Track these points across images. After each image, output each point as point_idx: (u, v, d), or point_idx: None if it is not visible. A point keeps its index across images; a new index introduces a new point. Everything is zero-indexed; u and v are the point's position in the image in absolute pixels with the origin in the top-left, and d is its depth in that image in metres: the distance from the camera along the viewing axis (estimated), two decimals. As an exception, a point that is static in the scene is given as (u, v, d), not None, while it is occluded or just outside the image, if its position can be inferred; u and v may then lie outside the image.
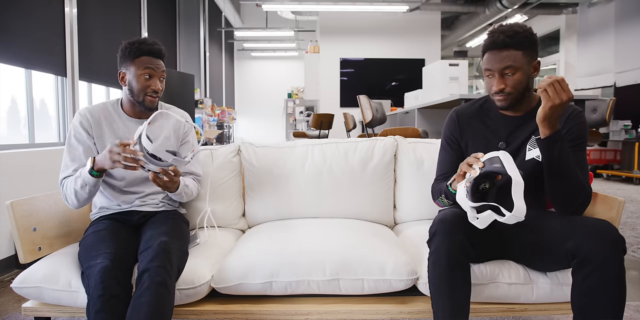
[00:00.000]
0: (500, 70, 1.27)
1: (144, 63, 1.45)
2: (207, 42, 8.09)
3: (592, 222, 1.15)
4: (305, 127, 8.44)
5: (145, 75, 1.45)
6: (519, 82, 1.28)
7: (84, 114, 1.50)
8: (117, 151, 1.26)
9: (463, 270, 1.18)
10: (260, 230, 1.66)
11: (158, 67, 1.47)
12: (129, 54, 1.45)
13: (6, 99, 3.09)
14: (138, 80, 1.45)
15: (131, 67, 1.46)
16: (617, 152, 6.85)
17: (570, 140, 1.31)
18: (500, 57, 1.26)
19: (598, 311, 1.06)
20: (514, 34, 1.25)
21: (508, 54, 1.26)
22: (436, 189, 1.46)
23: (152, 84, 1.46)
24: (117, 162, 1.26)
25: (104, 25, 4.17)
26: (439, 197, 1.42)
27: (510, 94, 1.30)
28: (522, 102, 1.34)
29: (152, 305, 1.11)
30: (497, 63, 1.27)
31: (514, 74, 1.27)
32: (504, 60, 1.26)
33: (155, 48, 1.46)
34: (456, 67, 4.06)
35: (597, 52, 7.51)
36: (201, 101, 6.67)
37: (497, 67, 1.27)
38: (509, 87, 1.28)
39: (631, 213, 3.83)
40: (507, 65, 1.26)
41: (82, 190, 1.37)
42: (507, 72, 1.27)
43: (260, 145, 1.88)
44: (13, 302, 1.96)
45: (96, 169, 1.33)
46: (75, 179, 1.38)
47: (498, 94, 1.31)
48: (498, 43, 1.26)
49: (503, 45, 1.25)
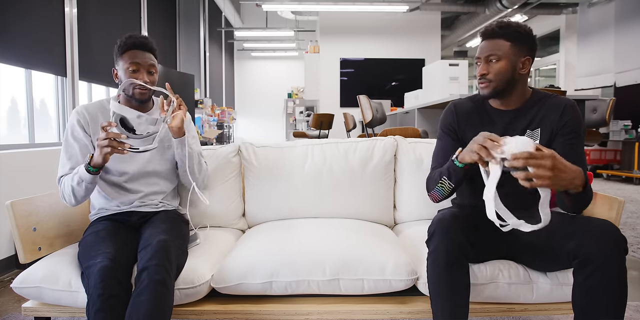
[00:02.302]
0: (485, 57, 1.33)
1: (130, 57, 1.45)
2: (207, 42, 8.09)
3: (594, 222, 1.14)
4: (305, 127, 8.44)
5: (132, 68, 1.44)
6: (502, 70, 1.31)
7: (80, 111, 1.50)
8: (102, 137, 1.27)
9: (462, 269, 1.17)
10: (260, 230, 1.66)
11: (144, 59, 1.46)
12: (119, 49, 1.46)
13: (6, 99, 3.09)
14: (125, 74, 1.45)
15: (120, 62, 1.47)
16: (617, 152, 6.85)
17: (567, 133, 1.31)
18: (487, 45, 1.33)
19: (599, 311, 1.06)
20: (506, 26, 1.31)
21: (495, 43, 1.31)
22: (433, 178, 1.39)
23: (140, 77, 1.45)
24: (104, 147, 1.27)
25: (104, 25, 4.17)
26: (437, 184, 1.34)
27: (492, 82, 1.33)
28: (509, 95, 1.36)
29: (151, 303, 1.11)
30: (484, 50, 1.33)
31: (498, 62, 1.31)
32: (490, 47, 1.32)
33: (139, 41, 1.46)
34: (456, 67, 4.06)
35: (597, 52, 7.51)
36: (201, 101, 6.67)
37: (483, 54, 1.33)
38: (491, 74, 1.32)
39: (631, 213, 3.83)
40: (492, 52, 1.31)
41: (78, 186, 1.37)
42: (491, 59, 1.32)
43: (260, 145, 1.88)
44: (13, 302, 1.95)
45: (92, 165, 1.33)
46: (73, 175, 1.38)
47: (480, 80, 1.35)
48: (488, 32, 1.32)
49: (492, 34, 1.32)
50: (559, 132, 1.32)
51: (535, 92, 1.39)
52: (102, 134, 1.27)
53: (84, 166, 1.34)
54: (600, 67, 7.42)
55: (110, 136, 1.26)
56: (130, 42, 1.45)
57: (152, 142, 1.37)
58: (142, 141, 1.36)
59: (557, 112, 1.33)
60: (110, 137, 1.26)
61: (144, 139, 1.36)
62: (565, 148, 1.29)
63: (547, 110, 1.34)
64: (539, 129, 1.35)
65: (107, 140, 1.26)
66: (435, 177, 1.37)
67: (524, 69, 1.33)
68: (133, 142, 1.33)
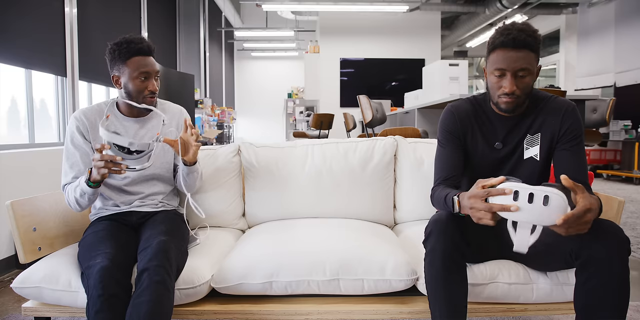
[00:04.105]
0: (515, 71, 1.20)
1: (138, 65, 1.42)
2: (207, 42, 8.09)
3: (597, 223, 1.14)
4: (305, 127, 8.43)
5: (141, 77, 1.43)
6: (528, 86, 1.24)
7: (79, 117, 1.49)
8: (97, 158, 1.27)
9: (459, 270, 1.17)
10: (260, 230, 1.66)
11: (152, 67, 1.45)
12: (119, 55, 1.43)
13: (6, 99, 3.09)
14: (134, 83, 1.43)
15: (124, 70, 1.44)
16: (617, 152, 6.85)
17: (569, 140, 1.30)
18: (517, 57, 1.18)
19: (601, 311, 1.06)
20: (532, 34, 1.18)
21: (525, 55, 1.18)
22: (439, 199, 1.29)
23: (150, 86, 1.45)
24: (101, 168, 1.27)
25: (104, 25, 4.17)
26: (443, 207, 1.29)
27: (519, 97, 1.24)
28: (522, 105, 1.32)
29: (151, 304, 1.11)
30: (514, 63, 1.18)
31: (526, 77, 1.21)
32: (521, 61, 1.18)
33: (144, 46, 1.44)
34: (456, 67, 4.06)
35: (597, 52, 7.51)
36: (201, 101, 6.67)
37: (512, 67, 1.19)
38: (520, 89, 1.22)
39: (631, 213, 3.83)
40: (523, 67, 1.19)
41: (82, 198, 1.38)
42: (521, 74, 1.20)
43: (260, 145, 1.88)
44: (13, 302, 1.95)
45: (92, 180, 1.33)
46: (75, 187, 1.39)
47: (507, 96, 1.23)
48: (518, 42, 1.17)
49: (523, 44, 1.17)
50: (560, 139, 1.31)
51: (535, 94, 1.35)
52: (97, 155, 1.27)
53: (84, 180, 1.34)
54: (600, 67, 7.42)
55: (105, 158, 1.26)
56: (136, 48, 1.42)
57: (147, 160, 1.37)
58: (137, 161, 1.37)
59: (558, 117, 1.31)
60: (106, 159, 1.26)
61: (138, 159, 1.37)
62: (568, 155, 1.29)
63: (547, 115, 1.32)
64: (540, 133, 1.33)
65: (103, 162, 1.26)
66: (441, 200, 1.27)
67: (536, 77, 1.27)
68: (129, 161, 1.34)
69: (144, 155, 1.35)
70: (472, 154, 1.40)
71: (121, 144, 1.30)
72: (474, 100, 1.42)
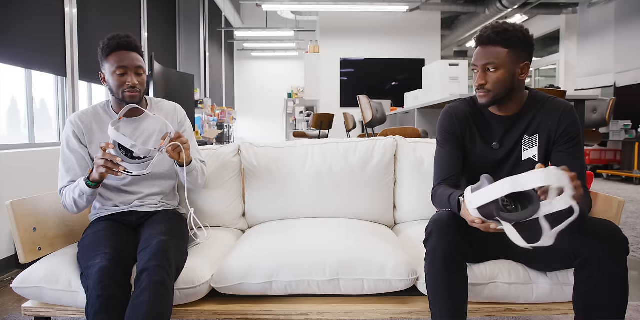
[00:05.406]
0: (482, 65, 1.28)
1: (116, 59, 1.41)
2: (207, 42, 8.09)
3: (596, 222, 1.14)
4: (305, 127, 8.43)
5: (119, 71, 1.42)
6: (500, 80, 1.27)
7: (74, 121, 1.49)
8: (100, 157, 1.28)
9: (459, 269, 1.17)
10: (260, 230, 1.66)
11: (131, 61, 1.43)
12: (102, 52, 1.43)
13: (6, 99, 3.09)
14: (113, 78, 1.43)
15: (106, 65, 1.44)
16: (617, 152, 6.85)
17: (567, 141, 1.30)
18: (484, 53, 1.27)
19: (600, 311, 1.06)
20: (502, 31, 1.24)
21: (492, 51, 1.25)
22: (441, 199, 1.31)
23: (128, 80, 1.42)
24: (100, 167, 1.28)
25: (104, 25, 4.17)
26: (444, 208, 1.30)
27: (490, 91, 1.29)
28: (508, 101, 1.33)
29: (151, 304, 1.11)
30: (480, 58, 1.28)
31: (496, 71, 1.26)
32: (487, 56, 1.26)
33: (123, 41, 1.42)
34: (456, 67, 4.06)
35: (597, 52, 7.51)
36: (201, 101, 6.66)
37: (480, 62, 1.28)
38: (490, 84, 1.28)
39: (631, 213, 3.83)
40: (489, 61, 1.26)
41: (80, 198, 1.38)
42: (489, 68, 1.27)
43: (260, 145, 1.88)
44: (13, 302, 1.95)
45: (91, 180, 1.34)
46: (74, 188, 1.39)
47: (479, 90, 1.31)
48: (484, 38, 1.26)
49: (488, 41, 1.25)
50: (558, 140, 1.31)
51: (533, 95, 1.36)
52: (100, 154, 1.29)
53: (83, 180, 1.35)
54: (600, 67, 7.42)
55: (106, 157, 1.28)
56: (114, 43, 1.41)
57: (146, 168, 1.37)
58: (138, 165, 1.37)
59: (555, 118, 1.31)
60: (107, 158, 1.28)
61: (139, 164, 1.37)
62: (567, 156, 1.29)
63: (544, 116, 1.32)
64: (537, 134, 1.33)
65: (104, 160, 1.28)
66: (443, 200, 1.29)
67: (522, 75, 1.29)
68: (128, 165, 1.34)
69: (144, 163, 1.35)
70: (470, 154, 1.40)
71: (124, 145, 1.31)
72: (472, 101, 1.44)
